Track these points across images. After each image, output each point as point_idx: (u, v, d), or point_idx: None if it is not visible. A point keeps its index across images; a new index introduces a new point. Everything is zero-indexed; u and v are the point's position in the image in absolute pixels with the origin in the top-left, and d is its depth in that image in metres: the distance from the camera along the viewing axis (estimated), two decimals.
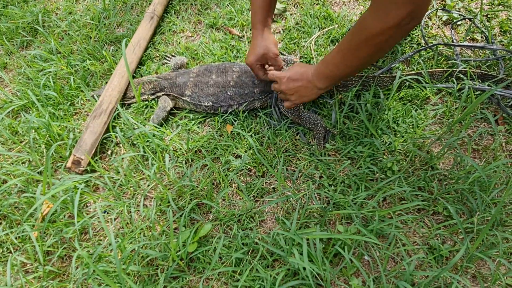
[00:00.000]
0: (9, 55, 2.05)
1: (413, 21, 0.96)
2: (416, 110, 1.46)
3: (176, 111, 1.67)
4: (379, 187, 1.27)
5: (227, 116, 1.57)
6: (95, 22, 2.04)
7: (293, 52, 1.78)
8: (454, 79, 1.49)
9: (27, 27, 2.11)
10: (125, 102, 1.70)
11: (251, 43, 1.44)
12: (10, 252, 1.33)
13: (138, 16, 2.10)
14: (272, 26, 1.45)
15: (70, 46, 1.98)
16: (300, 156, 1.42)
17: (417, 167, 1.33)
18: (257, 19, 1.40)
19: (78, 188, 1.30)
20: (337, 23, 1.83)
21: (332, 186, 1.33)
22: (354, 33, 1.08)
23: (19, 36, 2.07)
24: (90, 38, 1.98)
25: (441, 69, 1.49)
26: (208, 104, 1.57)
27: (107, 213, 1.39)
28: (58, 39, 2.06)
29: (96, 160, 1.51)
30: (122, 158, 1.50)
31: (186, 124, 1.59)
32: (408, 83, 1.51)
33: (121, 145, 1.57)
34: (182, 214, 1.29)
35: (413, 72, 1.51)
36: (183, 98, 1.61)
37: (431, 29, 1.73)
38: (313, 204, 1.29)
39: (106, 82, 1.69)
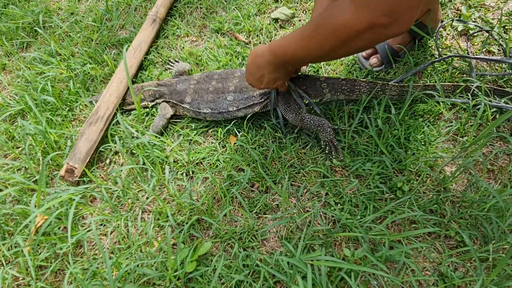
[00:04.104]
0: (8, 56, 2.00)
1: (391, 28, 0.87)
2: (428, 126, 1.39)
3: (178, 120, 1.61)
4: (389, 209, 1.21)
5: (230, 126, 1.51)
6: (97, 24, 1.98)
7: None
8: (469, 94, 1.42)
9: (27, 28, 2.06)
10: (125, 108, 1.65)
11: None
12: (2, 264, 1.28)
13: (141, 18, 2.05)
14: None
15: (71, 48, 1.93)
16: (306, 172, 1.36)
17: (428, 188, 1.27)
18: None
19: (73, 200, 1.25)
20: None
21: (339, 205, 1.27)
22: (322, 22, 0.97)
23: (19, 37, 2.02)
24: (92, 40, 1.92)
25: (456, 83, 1.42)
26: (207, 111, 1.51)
27: (104, 225, 1.33)
28: (59, 40, 2.00)
29: (93, 169, 1.46)
30: (121, 170, 1.44)
31: (188, 134, 1.53)
32: (420, 97, 1.44)
33: (120, 154, 1.52)
34: (181, 230, 1.23)
35: (425, 84, 1.44)
36: (182, 105, 1.55)
37: (445, 39, 1.65)
38: (319, 225, 1.23)
39: None
